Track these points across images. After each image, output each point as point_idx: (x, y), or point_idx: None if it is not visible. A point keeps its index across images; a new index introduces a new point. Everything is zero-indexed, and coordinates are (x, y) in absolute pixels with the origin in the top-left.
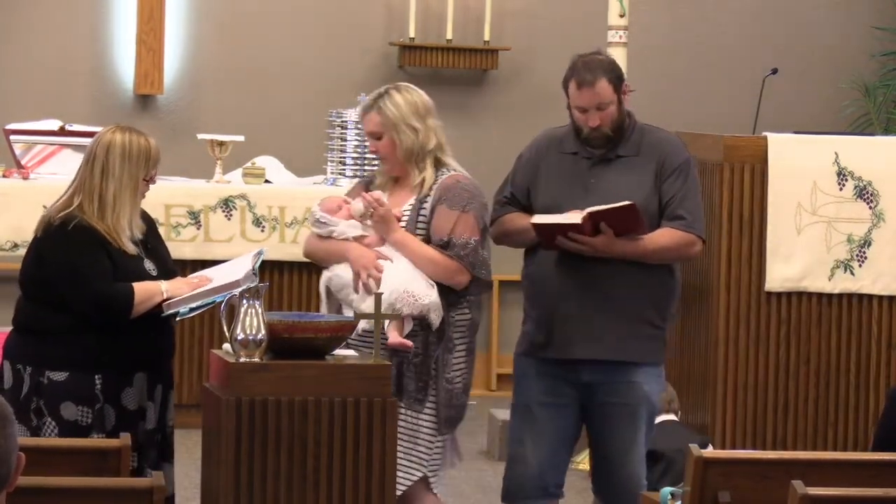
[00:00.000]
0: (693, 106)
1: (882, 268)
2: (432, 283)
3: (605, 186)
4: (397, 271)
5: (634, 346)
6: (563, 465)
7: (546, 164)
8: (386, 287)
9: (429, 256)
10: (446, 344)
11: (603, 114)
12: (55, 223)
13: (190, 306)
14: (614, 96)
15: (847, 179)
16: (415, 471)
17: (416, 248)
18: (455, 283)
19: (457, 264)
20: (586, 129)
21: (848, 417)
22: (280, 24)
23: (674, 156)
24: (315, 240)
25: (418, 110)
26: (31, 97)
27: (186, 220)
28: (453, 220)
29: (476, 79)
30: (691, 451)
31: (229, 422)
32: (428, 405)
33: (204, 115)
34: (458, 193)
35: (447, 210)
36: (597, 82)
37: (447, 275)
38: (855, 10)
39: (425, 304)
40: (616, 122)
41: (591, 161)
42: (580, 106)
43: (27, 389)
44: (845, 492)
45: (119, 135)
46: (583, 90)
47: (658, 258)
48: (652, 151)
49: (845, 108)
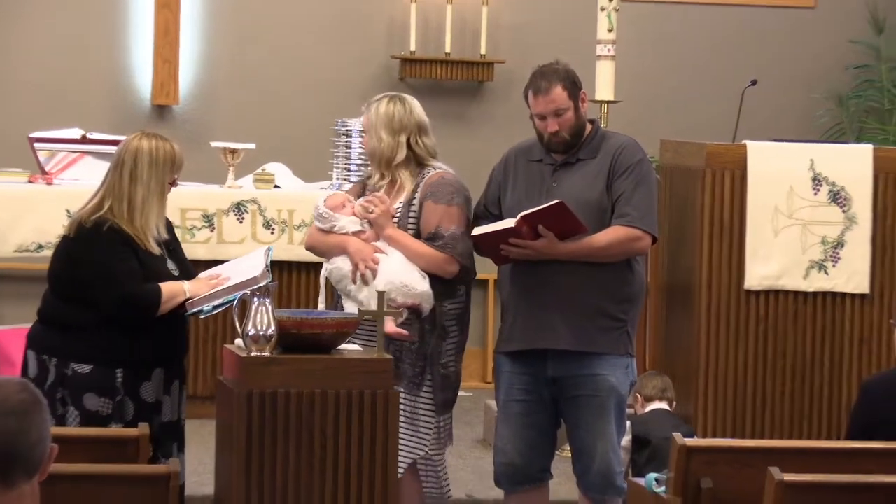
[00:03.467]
0: (677, 115)
1: (854, 268)
2: (424, 274)
3: (564, 189)
4: (392, 264)
5: (593, 337)
6: (546, 453)
7: (514, 171)
8: (381, 278)
9: (418, 250)
10: (440, 332)
11: (560, 119)
12: (88, 226)
13: (213, 304)
14: (570, 102)
15: (821, 185)
16: (417, 449)
17: (407, 243)
18: (445, 273)
19: (444, 255)
20: (546, 136)
21: (822, 408)
22: (288, 38)
23: (626, 156)
24: (317, 233)
25: (391, 124)
26: (54, 107)
27: (201, 222)
28: (440, 214)
29: (473, 90)
30: (675, 440)
31: (241, 412)
32: (425, 389)
33: (217, 124)
34: (443, 188)
35: (433, 204)
36: (552, 89)
37: (437, 266)
38: (829, 25)
39: (418, 294)
40: (574, 127)
41: (553, 166)
42: (538, 113)
43: (52, 379)
44: (820, 478)
45: (146, 141)
46: (539, 97)
47: (605, 255)
48: (608, 154)
49: (820, 117)
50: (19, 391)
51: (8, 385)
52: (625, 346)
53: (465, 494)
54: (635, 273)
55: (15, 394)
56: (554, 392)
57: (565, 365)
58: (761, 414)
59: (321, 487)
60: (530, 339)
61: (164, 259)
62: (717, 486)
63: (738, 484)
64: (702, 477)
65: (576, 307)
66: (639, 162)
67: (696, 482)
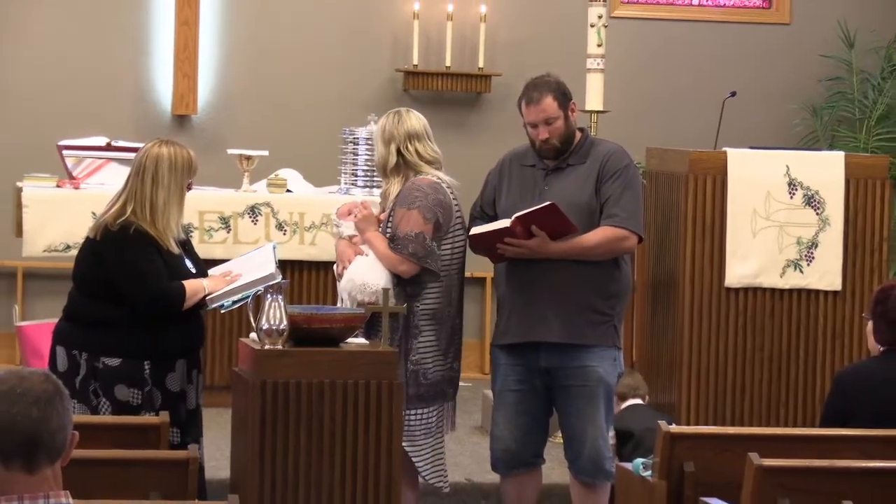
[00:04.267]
0: (662, 125)
1: (828, 266)
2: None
3: (556, 192)
4: (359, 265)
5: (582, 331)
6: (539, 439)
7: (509, 175)
8: (345, 277)
9: (380, 251)
10: (411, 330)
11: (551, 128)
12: (114, 229)
13: (232, 299)
14: (560, 112)
15: (797, 189)
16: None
17: (375, 245)
18: (400, 272)
19: (398, 256)
20: (538, 143)
21: (797, 398)
22: (299, 53)
23: (613, 162)
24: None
25: (383, 135)
26: (81, 117)
27: (218, 224)
28: (400, 216)
29: (472, 101)
30: (660, 427)
31: (256, 401)
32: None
33: (233, 133)
34: (409, 193)
35: (399, 209)
36: (543, 99)
37: (391, 265)
38: (803, 41)
39: (374, 293)
40: (564, 135)
41: (545, 171)
42: (530, 122)
43: (84, 373)
44: (795, 463)
45: (165, 148)
46: (530, 107)
47: (593, 254)
48: (597, 159)
49: (795, 126)
50: (43, 381)
51: (32, 377)
52: (612, 339)
53: (465, 478)
54: (622, 271)
55: (38, 384)
56: (546, 382)
57: (557, 357)
58: (740, 403)
59: (330, 471)
60: (524, 332)
61: (182, 258)
62: (700, 470)
63: (719, 468)
64: (685, 461)
65: (566, 302)
66: (626, 167)
67: (679, 466)
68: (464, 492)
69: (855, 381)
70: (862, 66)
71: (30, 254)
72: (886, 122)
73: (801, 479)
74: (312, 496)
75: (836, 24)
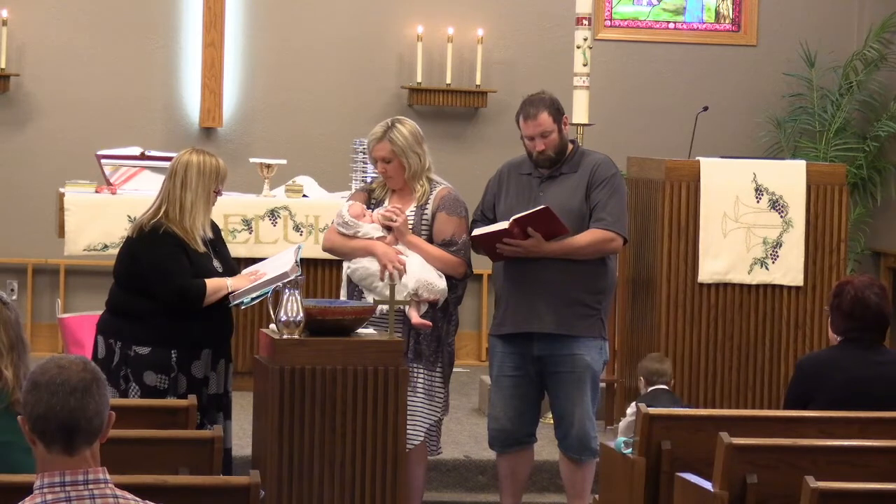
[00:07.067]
0: (642, 136)
1: (791, 264)
2: (441, 274)
3: (549, 198)
4: (416, 265)
5: (572, 322)
6: (532, 420)
7: (507, 183)
8: (412, 277)
9: (436, 254)
10: (449, 318)
11: (546, 140)
12: (147, 229)
13: (252, 296)
14: (554, 126)
15: (763, 194)
16: (432, 416)
17: (427, 248)
18: (457, 273)
19: (459, 259)
20: (534, 154)
21: (764, 382)
22: (315, 71)
23: (602, 171)
24: (338, 238)
25: (418, 139)
26: (118, 129)
27: (241, 226)
28: (454, 224)
29: (470, 115)
30: (639, 409)
31: (275, 386)
32: (439, 365)
33: (254, 144)
34: (453, 202)
35: (447, 216)
36: (539, 115)
37: (452, 267)
38: (768, 60)
39: (439, 290)
40: (558, 146)
41: (540, 179)
42: (528, 135)
43: (117, 360)
44: (761, 441)
45: (195, 156)
46: (528, 122)
47: (583, 254)
48: (587, 169)
49: (761, 137)
50: (81, 370)
51: (71, 366)
52: (599, 330)
53: (463, 455)
54: (608, 268)
55: (76, 373)
56: (539, 368)
57: (549, 346)
58: (712, 387)
59: (342, 449)
60: (520, 323)
61: (209, 257)
62: (676, 448)
63: (694, 446)
64: (662, 440)
65: (558, 297)
66: (612, 176)
67: (657, 444)
68: (463, 467)
69: (815, 368)
70: (821, 84)
71: (71, 252)
72: (843, 134)
73: (767, 456)
74: (326, 470)
75: (798, 45)
